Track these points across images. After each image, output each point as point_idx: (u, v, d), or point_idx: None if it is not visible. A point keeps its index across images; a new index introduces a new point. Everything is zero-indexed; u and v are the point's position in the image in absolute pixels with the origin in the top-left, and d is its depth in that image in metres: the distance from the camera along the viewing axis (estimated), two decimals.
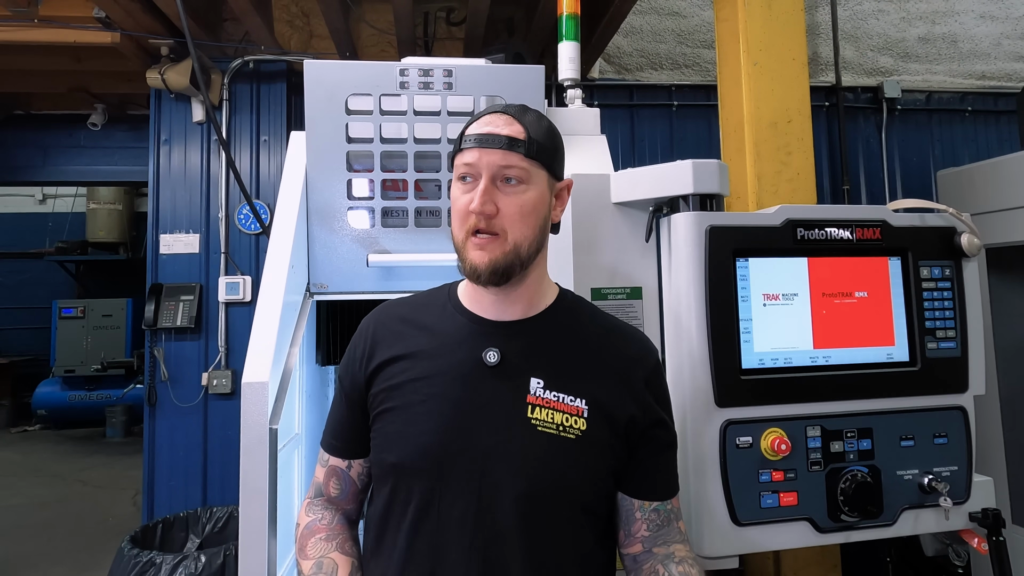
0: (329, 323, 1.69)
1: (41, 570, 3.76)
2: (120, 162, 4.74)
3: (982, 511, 1.33)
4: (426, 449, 0.90)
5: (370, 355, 0.99)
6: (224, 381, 3.10)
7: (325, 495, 1.03)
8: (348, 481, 1.03)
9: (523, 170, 0.92)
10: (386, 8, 3.24)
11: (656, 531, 0.98)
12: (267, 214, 3.17)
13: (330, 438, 1.04)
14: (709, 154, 3.04)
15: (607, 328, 1.02)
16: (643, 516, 0.98)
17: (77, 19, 2.98)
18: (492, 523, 0.88)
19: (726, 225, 1.27)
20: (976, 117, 3.81)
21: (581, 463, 0.91)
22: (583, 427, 0.92)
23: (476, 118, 0.97)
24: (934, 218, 1.39)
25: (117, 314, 7.53)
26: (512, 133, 0.92)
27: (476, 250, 0.91)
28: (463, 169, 0.93)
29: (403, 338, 0.99)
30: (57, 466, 6.08)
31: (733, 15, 2.31)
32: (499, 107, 0.97)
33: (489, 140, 0.91)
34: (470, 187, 0.92)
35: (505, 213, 0.91)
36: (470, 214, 0.91)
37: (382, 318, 1.03)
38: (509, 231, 0.91)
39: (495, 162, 0.91)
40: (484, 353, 0.94)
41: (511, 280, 0.93)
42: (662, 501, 0.99)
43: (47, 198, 8.89)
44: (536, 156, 0.93)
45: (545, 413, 0.91)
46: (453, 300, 1.02)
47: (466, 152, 0.93)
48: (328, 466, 1.04)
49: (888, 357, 1.35)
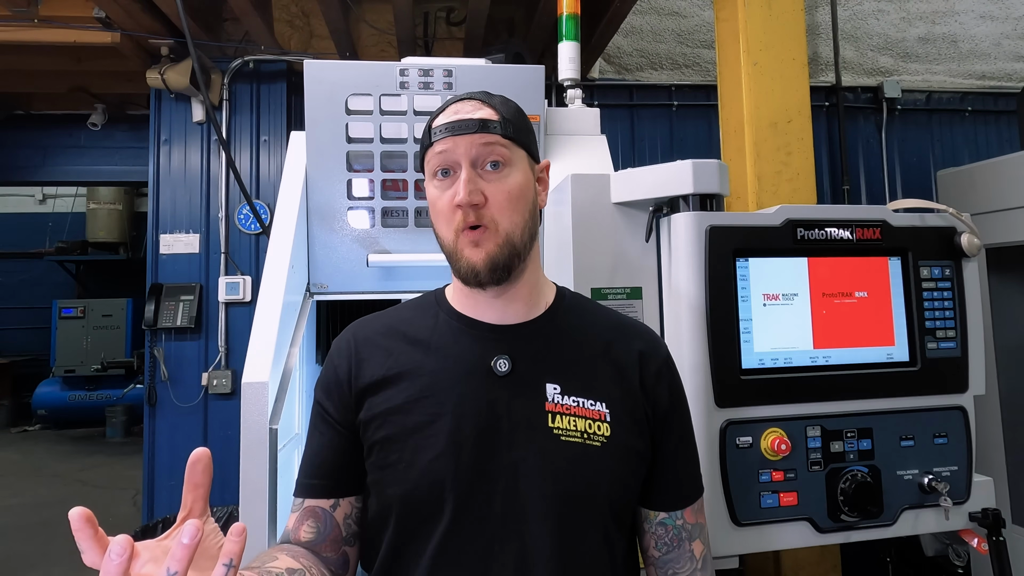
0: (329, 323, 1.69)
1: (41, 570, 3.76)
2: (120, 162, 4.75)
3: (982, 511, 1.33)
4: (441, 475, 0.79)
5: (356, 375, 0.86)
6: (224, 381, 3.10)
7: (292, 540, 0.84)
8: (330, 524, 0.84)
9: (504, 150, 0.84)
10: (386, 8, 3.24)
11: (665, 552, 0.89)
12: (267, 214, 3.17)
13: (307, 478, 0.86)
14: (709, 154, 3.05)
15: (612, 324, 0.94)
16: (649, 529, 0.90)
17: (77, 19, 2.98)
18: (521, 548, 0.79)
19: (726, 225, 1.26)
20: (976, 117, 3.81)
21: (610, 472, 0.83)
22: (608, 432, 0.83)
23: (440, 111, 0.88)
24: (934, 218, 1.39)
25: (117, 314, 7.54)
26: (484, 115, 0.84)
27: (468, 247, 0.82)
28: (437, 161, 0.84)
29: (393, 354, 0.87)
30: (57, 466, 6.09)
31: (733, 15, 2.31)
32: (463, 95, 0.89)
33: (461, 126, 0.82)
34: (449, 182, 0.83)
35: (493, 202, 0.82)
36: (455, 209, 0.81)
37: (364, 332, 0.91)
38: (499, 221, 0.82)
39: (473, 144, 0.82)
40: (493, 362, 0.84)
41: (511, 274, 0.85)
42: (668, 513, 0.89)
43: (47, 198, 8.90)
44: (514, 136, 0.85)
45: (567, 421, 0.83)
46: (444, 306, 0.91)
47: (438, 143, 0.83)
48: (303, 509, 0.85)
49: (888, 357, 1.34)
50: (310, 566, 0.79)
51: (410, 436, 0.82)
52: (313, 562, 0.81)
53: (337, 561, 0.85)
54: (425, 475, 0.80)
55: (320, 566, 0.81)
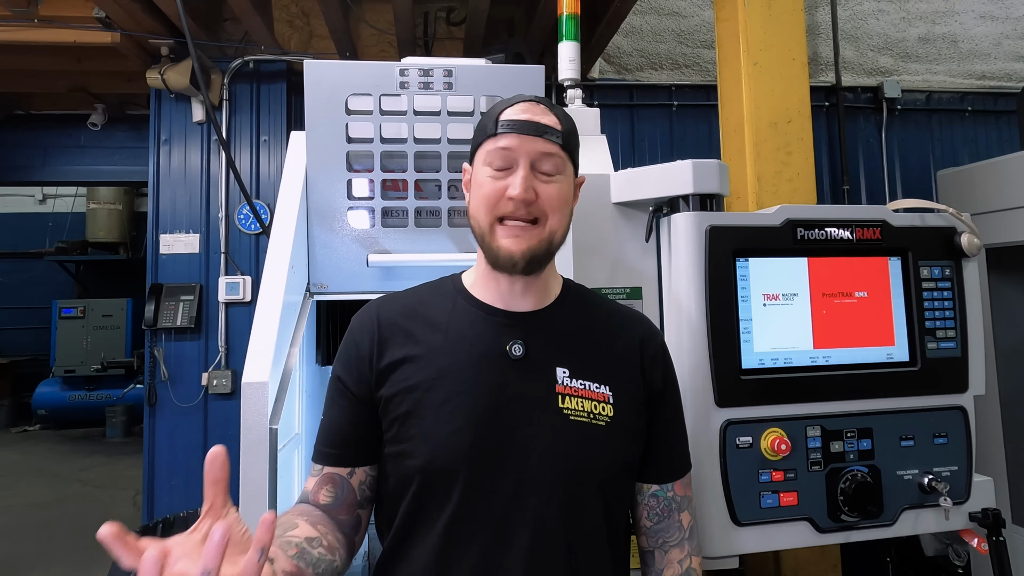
0: (329, 323, 1.69)
1: (41, 570, 3.76)
2: (120, 162, 4.75)
3: (982, 511, 1.33)
4: (458, 448, 0.85)
5: (379, 353, 0.92)
6: (224, 381, 3.10)
7: (312, 501, 0.91)
8: (347, 489, 0.91)
9: (560, 160, 0.91)
10: (386, 8, 3.24)
11: (656, 523, 0.96)
12: (267, 214, 3.17)
13: (326, 447, 0.93)
14: (709, 154, 3.04)
15: (611, 312, 1.02)
16: (642, 501, 0.97)
17: (77, 19, 2.99)
18: (532, 519, 0.85)
19: (726, 225, 1.27)
20: (976, 117, 3.81)
21: (614, 449, 0.90)
22: (611, 413, 0.91)
23: (508, 104, 0.93)
24: (934, 218, 1.39)
25: (117, 314, 7.54)
26: (549, 122, 0.91)
27: (509, 237, 0.89)
28: (497, 154, 0.90)
29: (413, 335, 0.93)
30: (57, 466, 6.09)
31: (733, 15, 2.31)
32: (530, 96, 0.95)
33: (528, 127, 0.89)
34: (505, 174, 0.89)
35: (544, 200, 0.89)
36: (503, 200, 0.88)
37: (387, 312, 0.97)
38: (550, 217, 0.90)
39: (536, 149, 0.89)
40: (509, 346, 0.91)
41: (541, 268, 0.92)
42: (660, 485, 0.96)
43: (47, 198, 8.90)
44: (569, 148, 0.93)
45: (575, 402, 0.90)
46: (462, 292, 0.97)
47: (501, 137, 0.89)
48: (322, 474, 0.92)
49: (888, 357, 1.35)
50: (326, 532, 0.85)
51: (429, 412, 0.88)
52: (329, 528, 0.87)
53: (350, 523, 0.92)
54: (442, 448, 0.86)
55: (335, 531, 0.88)
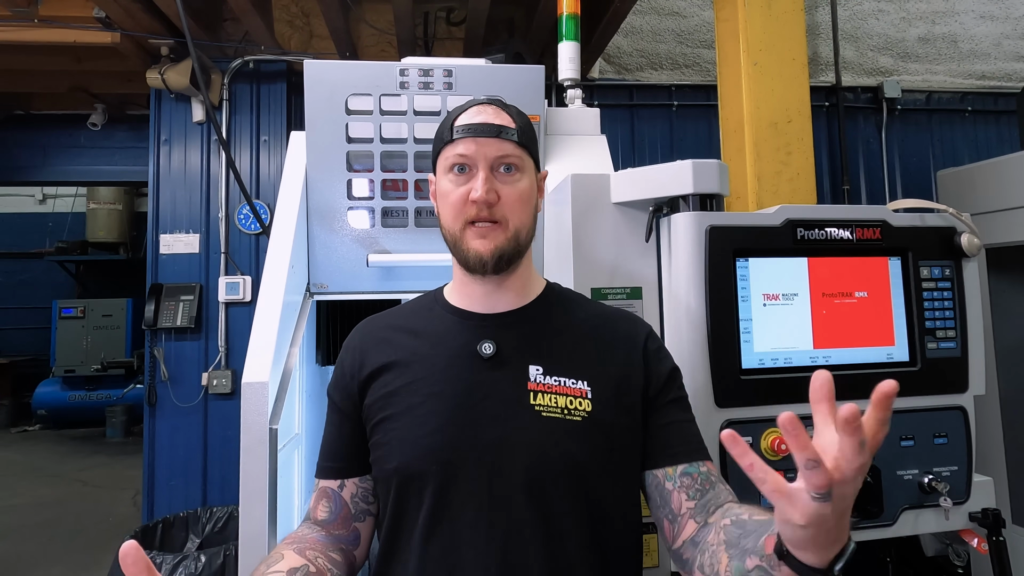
0: (329, 323, 1.69)
1: (41, 570, 3.76)
2: (120, 162, 4.74)
3: (982, 511, 1.33)
4: (431, 449, 0.87)
5: (360, 365, 0.97)
6: (224, 381, 3.10)
7: (312, 519, 0.96)
8: (339, 503, 0.96)
9: (518, 158, 0.93)
10: (386, 8, 3.24)
11: (700, 497, 0.89)
12: (267, 214, 3.17)
13: (323, 462, 0.99)
14: (709, 154, 3.05)
15: (596, 312, 1.03)
16: (675, 486, 0.90)
17: (77, 19, 2.98)
18: (507, 517, 0.85)
19: (726, 225, 1.26)
20: (976, 117, 3.81)
21: (590, 444, 0.88)
22: (588, 408, 0.90)
23: (462, 110, 0.96)
24: (934, 218, 1.39)
25: (117, 314, 7.53)
26: (503, 122, 0.93)
27: (477, 239, 0.91)
28: (456, 160, 0.92)
29: (392, 344, 0.97)
30: (57, 466, 6.08)
31: (733, 15, 2.31)
32: (481, 99, 0.98)
33: (483, 129, 0.91)
34: (465, 178, 0.92)
35: (506, 201, 0.91)
36: (468, 204, 0.91)
37: (368, 329, 1.02)
38: (511, 218, 0.92)
39: (493, 151, 0.91)
40: (479, 345, 0.92)
41: (511, 266, 0.94)
42: (690, 463, 0.92)
43: (47, 198, 8.89)
44: (526, 145, 0.94)
45: (548, 398, 0.90)
46: (441, 302, 1.01)
47: (459, 143, 0.92)
48: (318, 489, 0.98)
49: (888, 357, 1.34)
50: (316, 556, 0.86)
51: (405, 415, 0.91)
52: (321, 550, 0.89)
53: (349, 538, 0.95)
54: (416, 449, 0.88)
55: (330, 549, 0.91)
